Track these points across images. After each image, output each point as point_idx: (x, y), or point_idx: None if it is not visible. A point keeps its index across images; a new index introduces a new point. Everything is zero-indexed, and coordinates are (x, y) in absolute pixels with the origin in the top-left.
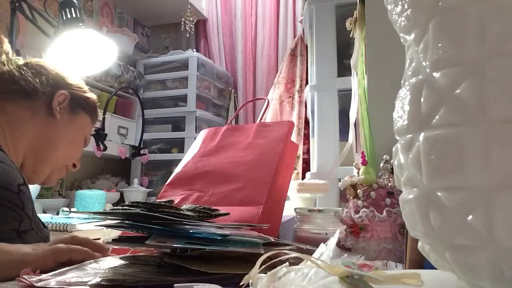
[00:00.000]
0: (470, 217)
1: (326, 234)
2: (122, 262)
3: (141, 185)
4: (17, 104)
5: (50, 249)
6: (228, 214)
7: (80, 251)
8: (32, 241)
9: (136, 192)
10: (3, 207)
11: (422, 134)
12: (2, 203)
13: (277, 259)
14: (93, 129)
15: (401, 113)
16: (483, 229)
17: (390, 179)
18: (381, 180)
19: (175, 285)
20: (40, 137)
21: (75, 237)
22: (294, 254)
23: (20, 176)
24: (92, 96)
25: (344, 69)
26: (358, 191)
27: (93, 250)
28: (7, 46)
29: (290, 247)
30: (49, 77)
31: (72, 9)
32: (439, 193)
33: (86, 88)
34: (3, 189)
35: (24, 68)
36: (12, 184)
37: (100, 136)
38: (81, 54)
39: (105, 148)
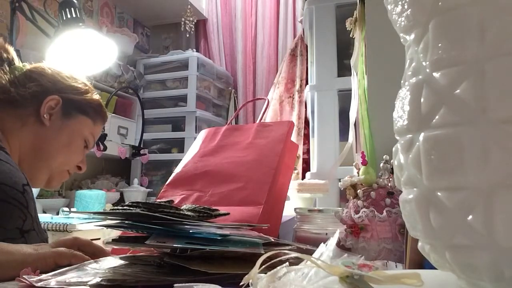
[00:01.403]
0: (470, 217)
1: (326, 234)
2: (122, 262)
3: (141, 185)
4: (7, 112)
5: (52, 251)
6: (228, 214)
7: (81, 258)
8: (33, 241)
9: (136, 192)
10: (9, 205)
11: (422, 134)
12: (9, 200)
13: (277, 259)
14: (100, 130)
15: (401, 113)
16: (483, 229)
17: (390, 179)
18: (381, 180)
19: (175, 285)
20: (32, 146)
21: (77, 239)
22: (294, 254)
23: (23, 176)
24: (93, 97)
25: (344, 69)
26: (358, 191)
27: (94, 253)
28: (11, 55)
29: (290, 247)
30: (39, 83)
31: (72, 9)
32: (439, 193)
33: (85, 89)
34: (9, 187)
35: (16, 76)
36: (17, 183)
37: (100, 136)
38: (81, 54)
39: (105, 148)
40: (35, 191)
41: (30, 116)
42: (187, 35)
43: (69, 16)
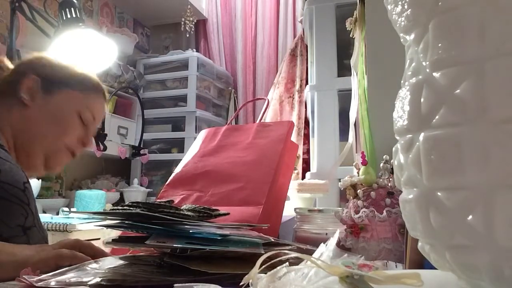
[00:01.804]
0: (470, 217)
1: (326, 234)
2: (122, 262)
3: (141, 185)
4: None
5: (54, 253)
6: (228, 214)
7: (82, 259)
8: (35, 238)
9: (136, 192)
10: (12, 203)
11: (422, 134)
12: (11, 199)
13: (277, 259)
14: (101, 104)
15: (401, 113)
16: (483, 229)
17: (390, 179)
18: (381, 180)
19: (175, 285)
20: (22, 131)
21: (78, 241)
22: (294, 254)
23: (24, 174)
24: (76, 70)
25: (344, 69)
26: (358, 191)
27: (95, 255)
28: (6, 64)
29: (290, 247)
30: (17, 70)
31: (72, 9)
32: (439, 193)
33: (65, 65)
34: (11, 186)
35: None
36: (18, 181)
37: (100, 136)
38: (81, 54)
39: (105, 148)
40: (35, 191)
41: (14, 102)
42: (187, 35)
43: (69, 16)
